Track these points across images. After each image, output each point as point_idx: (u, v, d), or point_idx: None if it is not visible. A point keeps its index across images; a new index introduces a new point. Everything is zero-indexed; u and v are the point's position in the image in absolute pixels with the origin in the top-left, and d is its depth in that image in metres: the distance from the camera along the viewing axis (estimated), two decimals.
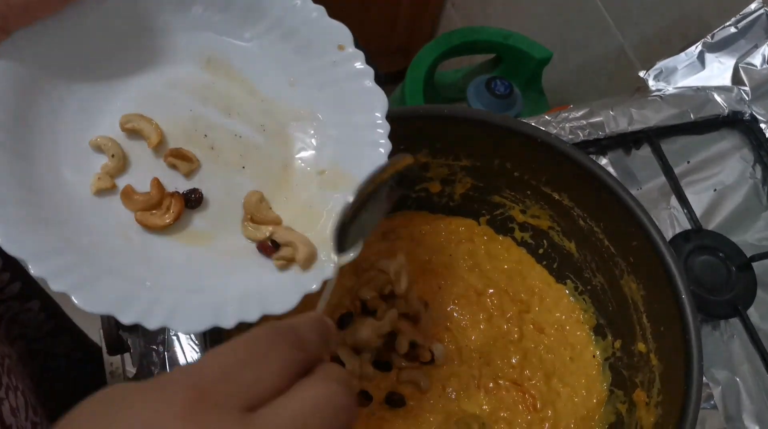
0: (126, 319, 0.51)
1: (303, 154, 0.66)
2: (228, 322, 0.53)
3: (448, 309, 0.86)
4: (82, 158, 0.59)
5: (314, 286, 0.57)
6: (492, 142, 0.80)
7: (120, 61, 0.62)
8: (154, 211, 0.58)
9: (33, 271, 0.49)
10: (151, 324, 0.52)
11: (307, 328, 0.41)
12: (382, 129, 0.63)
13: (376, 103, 0.64)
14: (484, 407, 0.81)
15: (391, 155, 0.64)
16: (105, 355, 0.93)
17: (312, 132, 0.66)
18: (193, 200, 0.60)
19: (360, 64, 0.65)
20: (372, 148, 0.63)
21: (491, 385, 0.82)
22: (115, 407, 0.35)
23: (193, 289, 0.56)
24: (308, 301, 0.56)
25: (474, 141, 0.81)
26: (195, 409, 0.34)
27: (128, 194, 0.59)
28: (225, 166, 0.63)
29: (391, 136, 0.64)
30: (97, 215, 0.57)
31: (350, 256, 0.55)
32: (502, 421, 0.80)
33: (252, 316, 0.55)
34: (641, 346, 0.77)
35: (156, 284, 0.55)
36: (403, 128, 0.77)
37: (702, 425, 0.92)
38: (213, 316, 0.54)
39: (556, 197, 0.83)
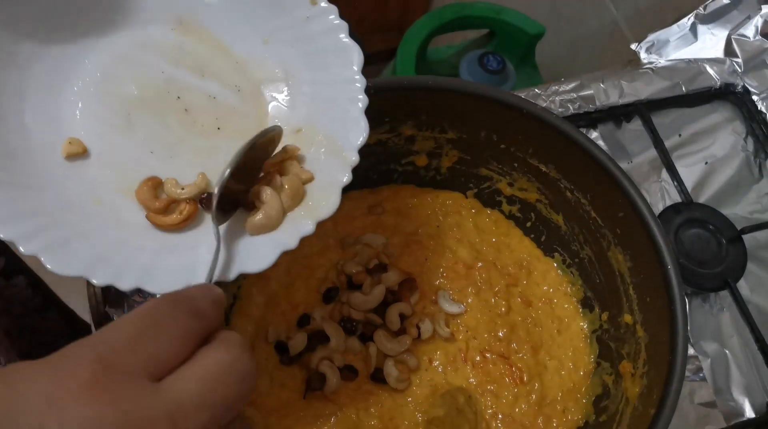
0: (98, 280, 0.50)
1: (278, 112, 0.64)
2: (202, 281, 0.53)
3: (436, 282, 0.86)
4: (51, 122, 0.57)
5: (292, 244, 0.57)
6: (478, 114, 0.79)
7: (89, 20, 0.61)
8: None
9: (2, 234, 0.48)
10: (125, 284, 0.51)
11: (202, 297, 0.42)
12: (359, 83, 0.62)
13: (352, 57, 0.62)
14: (471, 380, 0.81)
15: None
16: (93, 332, 0.92)
17: (286, 90, 0.64)
18: (204, 202, 0.59)
19: (334, 18, 0.63)
20: (349, 104, 0.61)
21: (478, 358, 0.82)
22: (16, 383, 0.34)
23: (167, 249, 0.55)
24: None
25: (459, 113, 0.80)
26: (101, 380, 0.34)
27: (145, 198, 0.58)
28: (201, 128, 0.62)
29: (376, 109, 0.63)
30: (69, 179, 0.56)
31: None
32: (488, 394, 0.80)
33: (230, 275, 0.55)
34: (628, 318, 0.77)
35: (128, 245, 0.54)
36: (387, 100, 0.77)
37: (691, 397, 0.92)
38: (187, 275, 0.53)
39: (543, 169, 0.82)
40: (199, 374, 0.37)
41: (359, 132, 0.60)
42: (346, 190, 0.88)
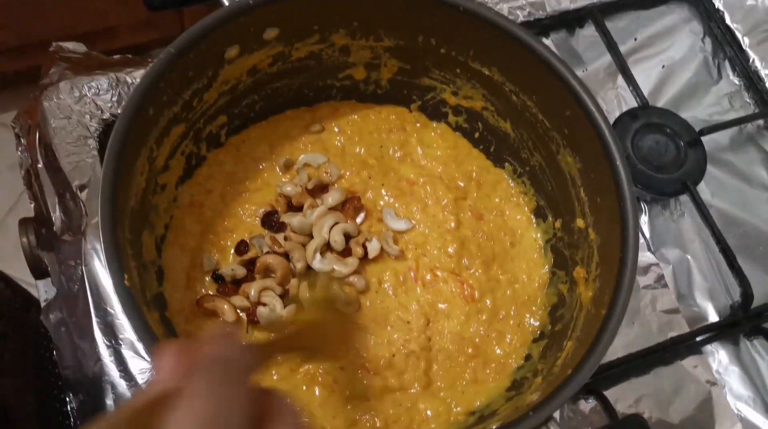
0: None
1: None
2: None
3: (381, 202, 0.82)
4: None
5: None
6: (413, 16, 0.74)
7: None
8: None
9: None
10: None
11: (231, 353, 0.39)
12: None
13: None
14: (422, 300, 0.77)
15: None
16: (37, 288, 0.88)
17: None
18: None
19: None
20: None
21: (429, 277, 0.78)
22: None
23: None
24: None
25: (393, 16, 0.75)
26: None
27: None
28: None
29: (300, 17, 0.56)
30: None
31: None
32: (440, 314, 0.77)
33: None
34: (580, 222, 0.73)
35: None
36: (312, 6, 0.71)
37: (653, 305, 0.90)
38: None
39: (487, 73, 0.77)
40: None
41: None
42: (282, 109, 0.85)
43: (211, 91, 0.74)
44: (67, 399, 0.77)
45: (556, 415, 0.82)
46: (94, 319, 0.75)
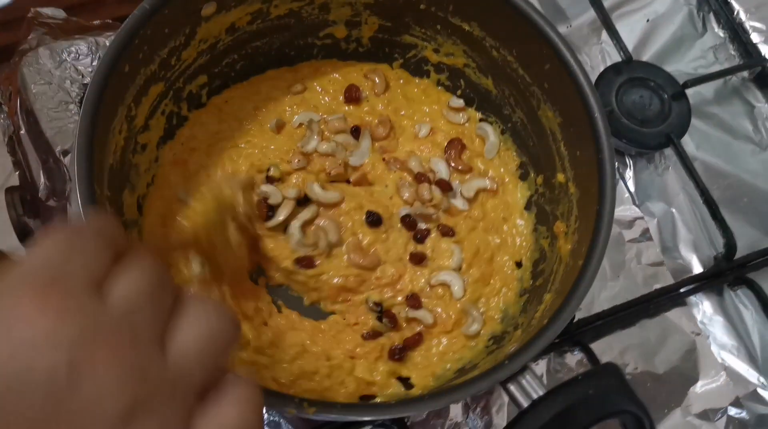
0: None
1: None
2: None
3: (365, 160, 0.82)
4: None
5: None
6: None
7: None
8: None
9: None
10: None
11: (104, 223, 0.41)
12: None
13: None
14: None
15: None
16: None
17: None
18: None
19: None
20: None
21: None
22: None
23: None
24: None
25: None
26: (50, 294, 0.33)
27: None
28: None
29: None
30: None
31: None
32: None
33: None
34: (560, 177, 0.74)
35: None
36: None
37: (638, 259, 0.90)
38: None
39: (467, 28, 0.77)
40: (129, 286, 0.37)
41: None
42: (263, 68, 0.84)
43: (189, 49, 0.74)
44: None
45: (543, 368, 0.83)
46: None
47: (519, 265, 0.79)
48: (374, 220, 0.77)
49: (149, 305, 0.36)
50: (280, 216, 0.76)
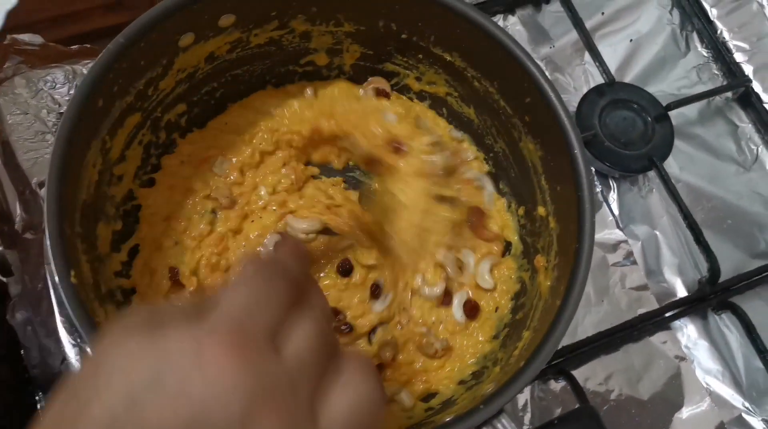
0: None
1: None
2: None
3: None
4: None
5: None
6: (370, 1, 0.73)
7: None
8: None
9: None
10: None
11: (290, 257, 0.47)
12: None
13: None
14: None
15: None
16: (8, 286, 0.87)
17: None
18: None
19: None
20: None
21: None
22: (160, 339, 0.36)
23: None
24: None
25: (351, 1, 0.73)
26: (240, 345, 0.36)
27: None
28: None
29: (257, 3, 0.56)
30: None
31: None
32: None
33: None
34: (541, 210, 0.73)
35: None
36: None
37: (622, 283, 0.90)
38: None
39: (448, 58, 0.76)
40: (300, 340, 0.40)
41: None
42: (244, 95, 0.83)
43: (167, 79, 0.73)
44: (37, 398, 0.76)
45: (527, 395, 0.83)
46: (58, 318, 0.75)
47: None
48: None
49: (314, 365, 0.39)
50: None
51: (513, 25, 1.03)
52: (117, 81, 0.66)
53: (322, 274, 0.76)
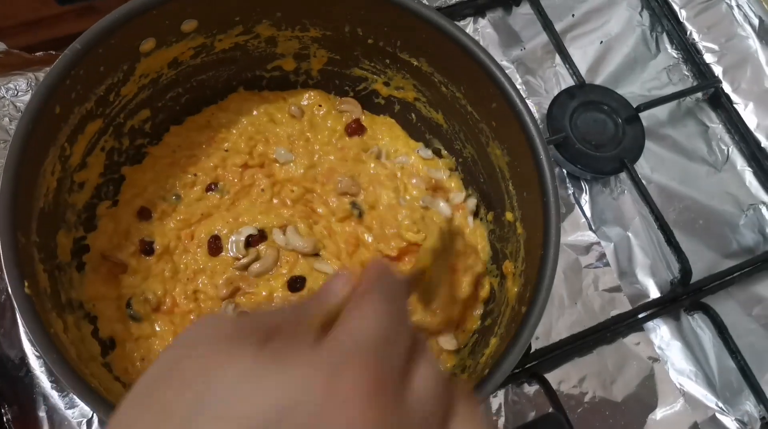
0: None
1: None
2: None
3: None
4: None
5: None
6: (334, 6, 0.72)
7: None
8: None
9: None
10: None
11: (398, 291, 0.43)
12: None
13: None
14: None
15: None
16: None
17: None
18: None
19: None
20: None
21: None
22: (292, 369, 0.34)
23: None
24: None
25: (315, 6, 0.72)
26: (380, 388, 0.34)
27: None
28: None
29: (220, 8, 0.55)
30: None
31: None
32: None
33: None
34: (509, 216, 0.73)
35: None
36: None
37: (595, 285, 0.90)
38: None
39: (415, 63, 0.76)
40: (424, 384, 0.38)
41: None
42: (212, 101, 0.82)
43: (129, 84, 0.72)
44: (3, 410, 0.75)
45: (501, 399, 0.82)
46: (22, 330, 0.74)
47: None
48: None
49: (438, 416, 0.38)
50: None
51: (483, 27, 1.02)
52: (75, 87, 0.64)
53: None
